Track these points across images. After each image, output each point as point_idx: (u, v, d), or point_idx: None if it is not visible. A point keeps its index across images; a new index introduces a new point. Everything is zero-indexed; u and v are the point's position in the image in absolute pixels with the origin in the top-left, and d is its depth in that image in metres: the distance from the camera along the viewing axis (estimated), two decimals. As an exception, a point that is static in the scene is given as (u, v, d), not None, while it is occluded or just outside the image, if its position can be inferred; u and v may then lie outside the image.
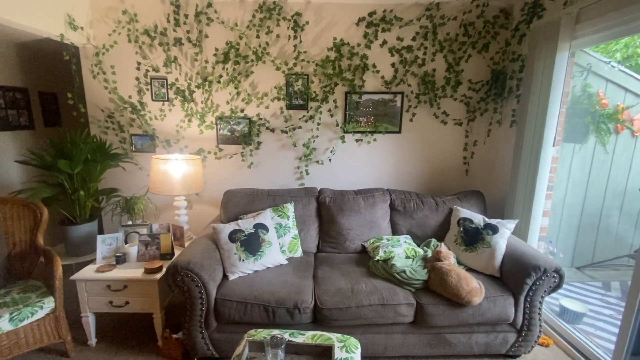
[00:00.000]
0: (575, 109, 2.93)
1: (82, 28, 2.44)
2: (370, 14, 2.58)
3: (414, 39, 2.63)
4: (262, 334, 1.59)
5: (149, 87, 2.66)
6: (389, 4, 2.57)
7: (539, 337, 1.94)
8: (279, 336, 1.38)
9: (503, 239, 2.10)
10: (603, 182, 3.11)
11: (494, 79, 2.67)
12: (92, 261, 2.18)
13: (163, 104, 2.70)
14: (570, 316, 2.38)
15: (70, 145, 2.18)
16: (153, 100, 2.68)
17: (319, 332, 1.60)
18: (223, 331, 1.88)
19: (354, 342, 1.55)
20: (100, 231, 2.71)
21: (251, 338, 1.55)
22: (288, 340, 1.50)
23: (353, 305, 1.84)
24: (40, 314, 1.79)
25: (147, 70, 2.63)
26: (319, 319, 1.87)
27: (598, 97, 2.89)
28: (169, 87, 2.66)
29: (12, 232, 2.05)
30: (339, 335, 1.59)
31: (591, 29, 1.90)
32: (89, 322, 1.99)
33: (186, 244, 2.39)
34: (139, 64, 2.62)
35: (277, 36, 2.61)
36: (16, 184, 2.92)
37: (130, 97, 2.68)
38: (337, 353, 1.45)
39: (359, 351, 1.52)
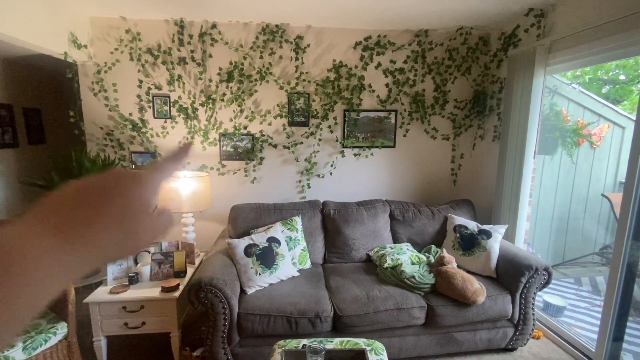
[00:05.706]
0: (545, 125, 3.31)
1: (85, 46, 2.42)
2: (366, 39, 2.79)
3: (405, 62, 2.87)
4: (291, 344, 1.65)
5: (150, 104, 2.66)
6: (382, 30, 2.80)
7: (533, 330, 2.16)
8: (316, 344, 1.46)
9: (496, 242, 2.33)
10: (569, 188, 3.51)
11: (475, 98, 2.97)
12: (99, 283, 2.12)
13: (165, 121, 2.70)
14: (553, 310, 2.65)
15: (75, 164, 2.13)
16: (155, 117, 2.68)
17: (346, 338, 1.69)
18: (245, 345, 1.91)
19: (380, 346, 1.66)
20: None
21: (282, 349, 1.60)
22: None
23: (371, 311, 1.95)
24: (53, 340, 1.72)
25: (150, 88, 2.64)
26: (339, 327, 1.96)
27: (562, 115, 3.29)
28: (171, 104, 2.67)
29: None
30: (364, 339, 1.69)
31: (562, 57, 2.21)
32: (102, 347, 1.93)
33: (196, 261, 2.38)
34: (140, 81, 2.62)
35: (280, 57, 2.73)
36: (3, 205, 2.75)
37: (130, 114, 2.66)
38: (370, 356, 1.55)
39: (385, 353, 1.62)
